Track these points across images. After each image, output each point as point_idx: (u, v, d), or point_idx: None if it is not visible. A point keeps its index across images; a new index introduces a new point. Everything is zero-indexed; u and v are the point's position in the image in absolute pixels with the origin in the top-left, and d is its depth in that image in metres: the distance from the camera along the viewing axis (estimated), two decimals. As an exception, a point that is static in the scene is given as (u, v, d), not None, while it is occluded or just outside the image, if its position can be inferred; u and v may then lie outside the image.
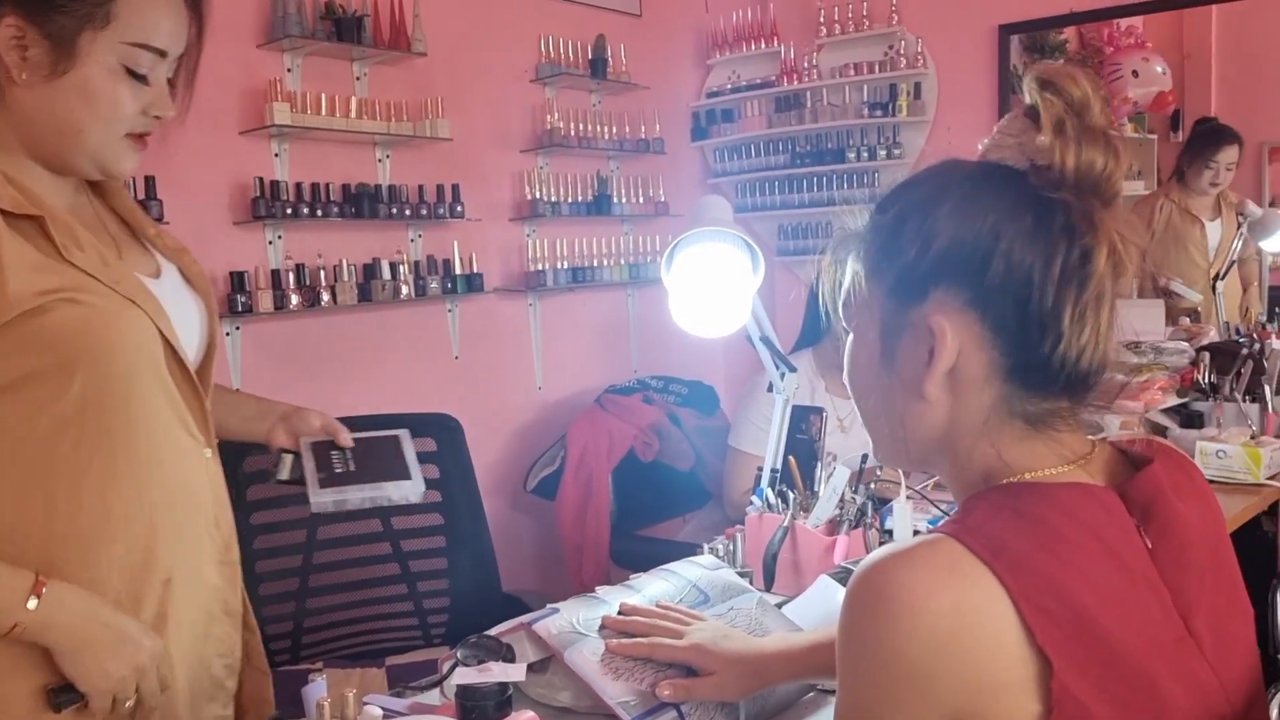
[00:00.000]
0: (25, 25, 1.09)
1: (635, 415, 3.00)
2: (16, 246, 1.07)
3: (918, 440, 0.87)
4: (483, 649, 1.20)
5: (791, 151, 3.60)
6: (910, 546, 0.76)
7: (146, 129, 1.19)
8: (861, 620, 0.75)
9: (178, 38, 1.18)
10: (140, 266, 1.23)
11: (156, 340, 1.16)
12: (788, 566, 1.68)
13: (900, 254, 0.83)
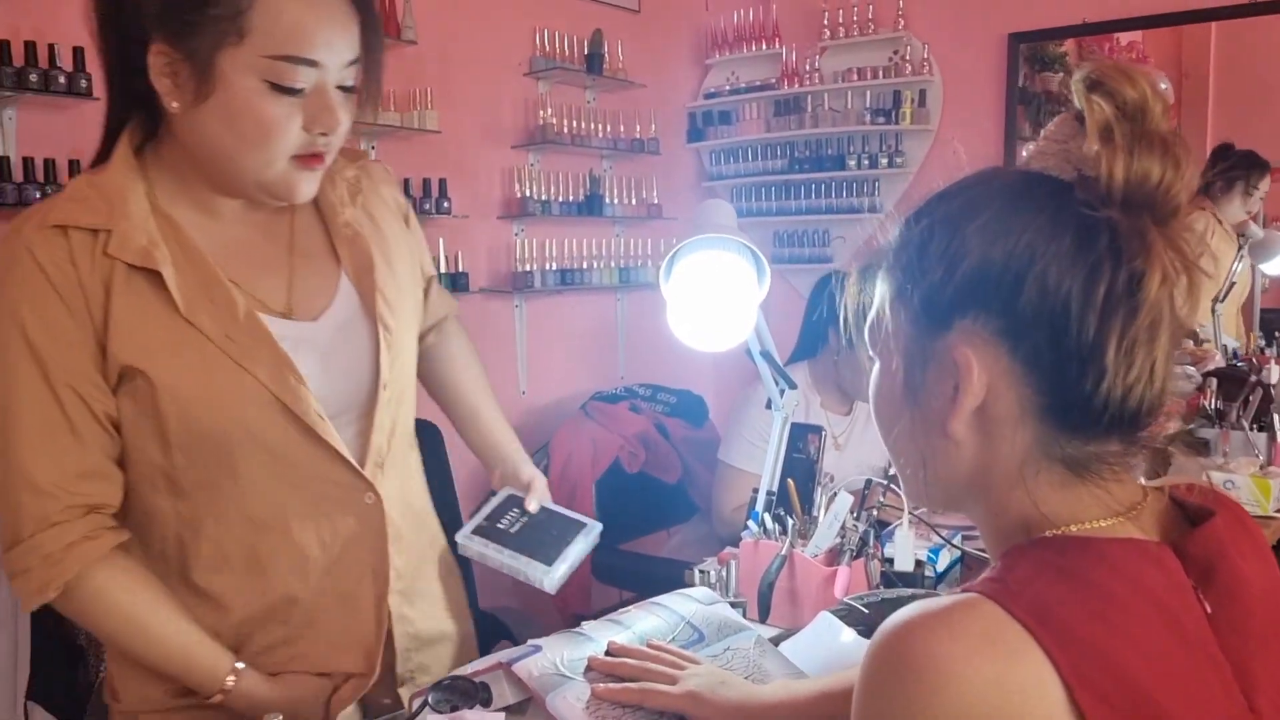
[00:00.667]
0: (171, 50, 1.03)
1: (621, 424, 2.90)
2: (131, 303, 1.04)
3: (944, 482, 0.78)
4: (456, 692, 1.09)
5: (790, 157, 3.51)
6: (945, 608, 0.66)
7: (313, 148, 1.08)
8: (888, 690, 0.66)
9: (334, 45, 1.06)
10: (306, 303, 1.16)
11: (265, 405, 1.09)
12: (784, 597, 1.58)
13: (925, 275, 0.74)
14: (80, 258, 1.03)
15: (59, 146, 2.17)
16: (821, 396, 2.45)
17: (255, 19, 1.02)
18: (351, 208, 1.22)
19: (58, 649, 2.20)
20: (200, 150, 1.08)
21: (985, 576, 0.70)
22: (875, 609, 1.39)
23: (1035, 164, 0.77)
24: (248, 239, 1.15)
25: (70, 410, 1.04)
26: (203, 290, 1.07)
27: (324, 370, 1.14)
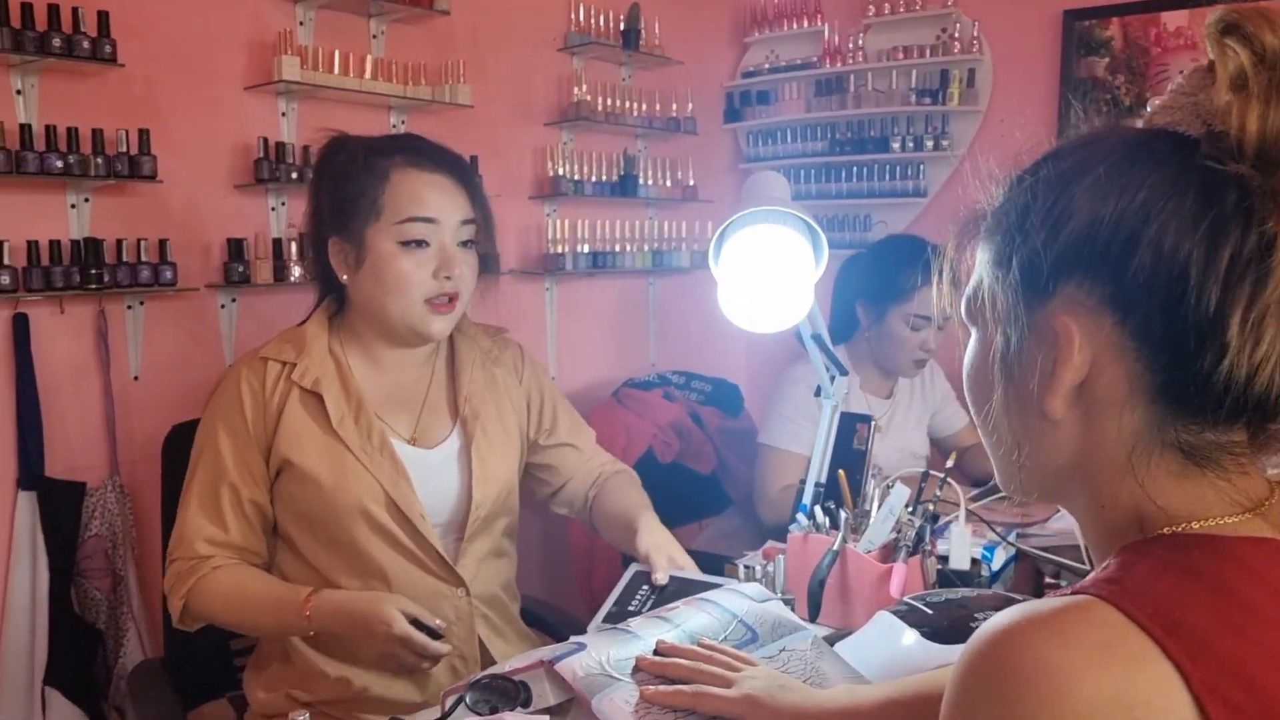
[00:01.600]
0: (340, 241, 1.48)
1: (655, 412, 2.81)
2: (298, 415, 1.47)
3: (1040, 468, 0.71)
4: (495, 692, 1.02)
5: (831, 138, 3.39)
6: (1053, 611, 0.58)
7: (440, 292, 1.47)
8: (989, 704, 0.58)
9: (444, 206, 1.47)
10: (426, 436, 1.56)
11: (379, 499, 1.47)
12: (835, 595, 1.49)
13: (1027, 238, 0.67)
14: (270, 381, 1.48)
15: (82, 114, 2.09)
16: (861, 378, 2.36)
17: (387, 199, 1.45)
18: (478, 371, 1.62)
19: (76, 635, 2.14)
20: (364, 306, 1.50)
21: (1098, 576, 0.62)
22: (940, 610, 1.30)
23: (1159, 119, 0.69)
24: (397, 385, 1.56)
25: (224, 500, 1.47)
26: (351, 414, 1.48)
27: (432, 487, 1.52)
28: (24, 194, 2.06)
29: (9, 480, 2.09)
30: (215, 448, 1.47)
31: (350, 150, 1.50)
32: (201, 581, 1.44)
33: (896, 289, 2.24)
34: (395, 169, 1.47)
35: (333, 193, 1.49)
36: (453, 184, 1.49)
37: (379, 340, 1.54)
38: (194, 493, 1.47)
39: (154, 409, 2.25)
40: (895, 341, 2.28)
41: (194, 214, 2.31)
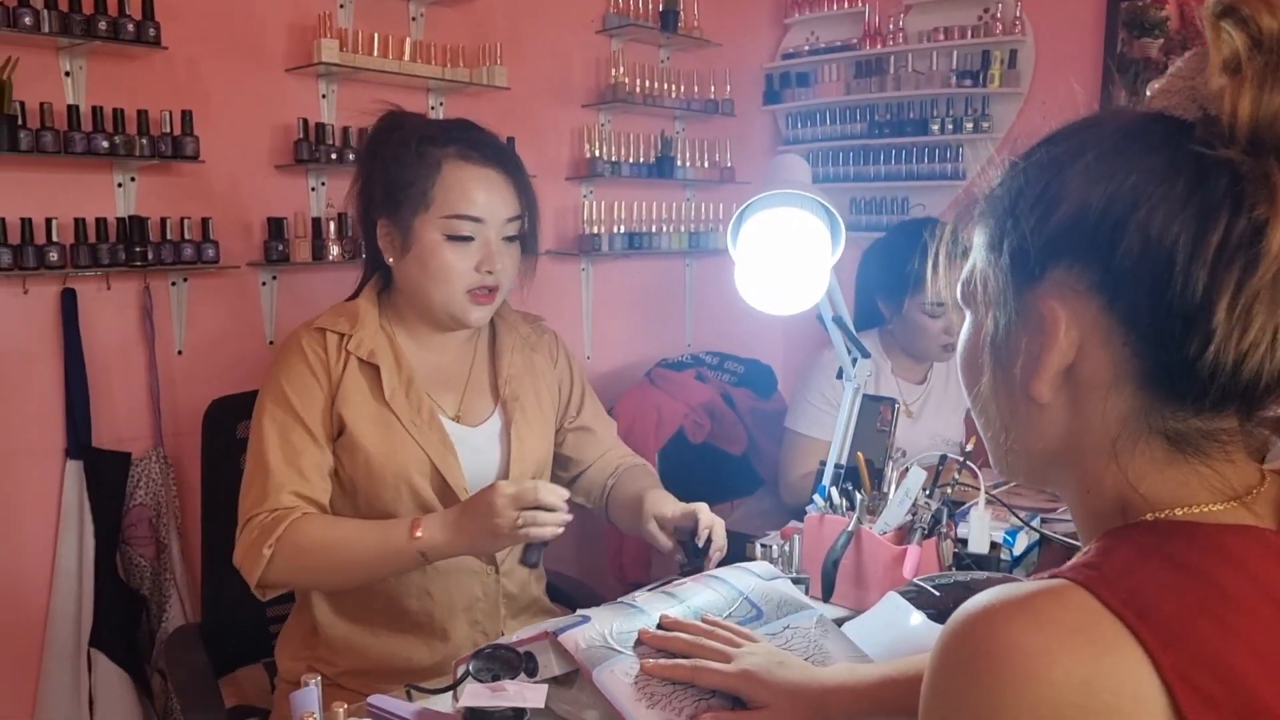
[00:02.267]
0: (388, 224, 1.51)
1: (687, 392, 2.82)
2: (355, 384, 1.50)
3: (1028, 451, 0.71)
4: (498, 661, 1.05)
5: (870, 120, 3.37)
6: (1028, 595, 0.59)
7: (481, 285, 1.50)
8: (962, 684, 0.58)
9: (494, 205, 1.49)
10: (470, 414, 1.59)
11: (425, 470, 1.50)
12: (849, 575, 1.51)
13: (1019, 221, 0.67)
14: (331, 349, 1.50)
15: (128, 96, 2.16)
16: (893, 363, 2.36)
17: (437, 191, 1.47)
18: (517, 355, 1.65)
19: (121, 600, 2.22)
20: (408, 289, 1.53)
21: (1077, 561, 0.62)
22: (947, 591, 1.31)
23: (1158, 103, 0.68)
24: (440, 364, 1.59)
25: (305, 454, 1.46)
26: (402, 387, 1.51)
27: (474, 464, 1.55)
28: (72, 173, 2.13)
29: (58, 450, 2.17)
30: (288, 405, 1.47)
31: (404, 133, 1.50)
32: (291, 527, 1.39)
33: (908, 280, 2.23)
34: (447, 160, 1.47)
35: (384, 176, 1.50)
36: (503, 179, 1.50)
37: (421, 322, 1.56)
38: (271, 449, 1.45)
39: (196, 383, 2.32)
40: (919, 330, 2.27)
41: (235, 193, 2.37)
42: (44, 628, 2.17)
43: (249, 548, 1.41)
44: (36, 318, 2.13)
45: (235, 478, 1.62)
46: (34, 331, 2.13)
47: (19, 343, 2.11)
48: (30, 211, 2.05)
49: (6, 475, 2.12)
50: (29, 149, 1.99)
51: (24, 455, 2.14)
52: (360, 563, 1.41)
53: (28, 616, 2.16)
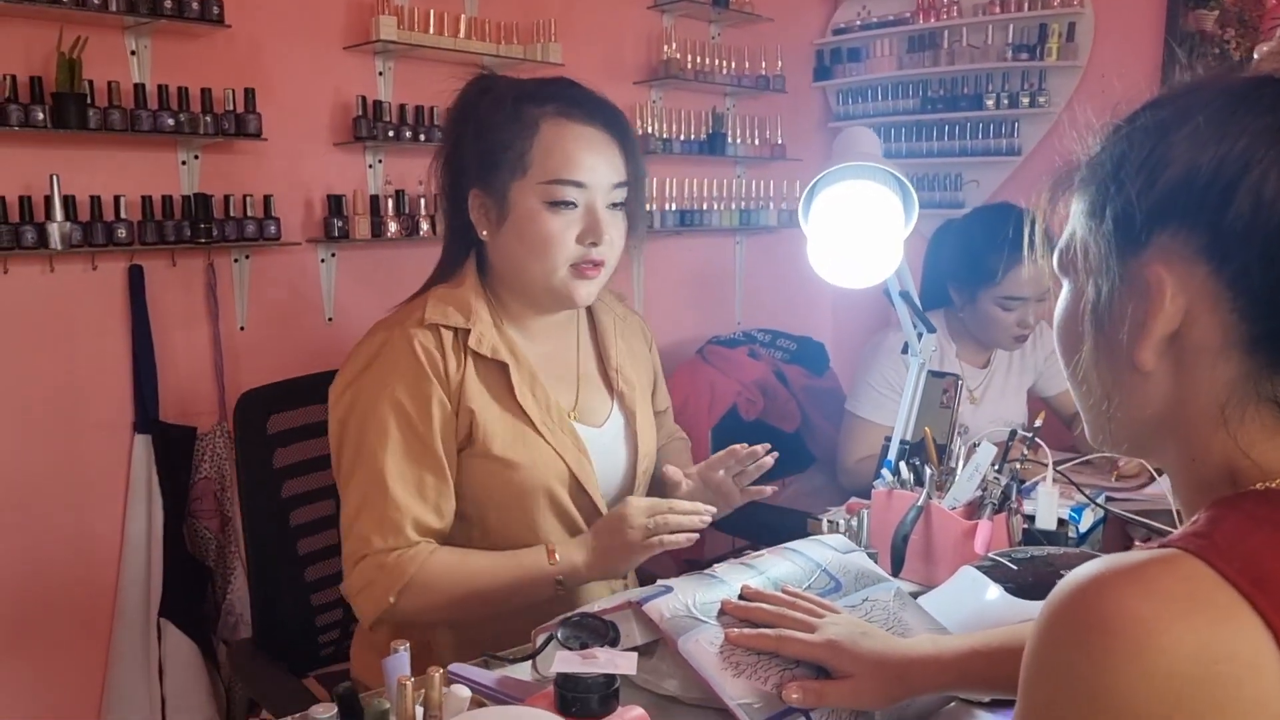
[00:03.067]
0: (482, 194, 1.35)
1: (740, 370, 2.82)
2: (480, 384, 1.35)
3: (1131, 421, 0.70)
4: (586, 630, 1.06)
5: (923, 96, 3.33)
6: (1138, 564, 0.58)
7: (586, 257, 1.34)
8: (1071, 655, 0.57)
9: (599, 168, 1.33)
10: (590, 413, 1.46)
11: (563, 479, 1.38)
12: (918, 550, 1.50)
13: (1123, 187, 0.66)
14: (446, 348, 1.33)
15: (192, 74, 2.18)
16: (958, 346, 2.33)
17: (534, 155, 1.31)
18: (620, 340, 1.54)
19: (188, 571, 2.26)
20: (504, 267, 1.38)
21: (1186, 531, 0.61)
22: (1024, 566, 1.30)
23: (1266, 65, 0.67)
24: (548, 354, 1.44)
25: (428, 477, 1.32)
26: (529, 386, 1.37)
27: (604, 465, 1.44)
28: (138, 151, 2.16)
29: (126, 424, 2.21)
30: (405, 417, 1.30)
31: (498, 93, 1.35)
32: (420, 571, 1.28)
33: (984, 272, 2.16)
34: (546, 119, 1.32)
35: (477, 141, 1.34)
36: (607, 140, 1.35)
37: (524, 306, 1.41)
38: (390, 469, 1.29)
39: (259, 358, 2.35)
40: (990, 322, 2.22)
41: (296, 171, 2.39)
42: (114, 598, 2.22)
43: (368, 587, 1.29)
44: (105, 294, 2.16)
45: (269, 480, 1.59)
46: (103, 308, 2.16)
47: (89, 319, 2.15)
48: (98, 190, 2.08)
49: (77, 449, 2.16)
50: (97, 127, 2.02)
51: (94, 429, 2.18)
52: (493, 598, 1.31)
53: (98, 587, 2.21)
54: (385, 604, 1.28)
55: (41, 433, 2.12)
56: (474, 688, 1.04)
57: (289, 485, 1.64)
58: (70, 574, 2.17)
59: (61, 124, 1.98)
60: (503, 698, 1.06)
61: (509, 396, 1.35)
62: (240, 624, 2.31)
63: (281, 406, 1.63)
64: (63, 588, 2.17)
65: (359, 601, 1.31)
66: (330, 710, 0.89)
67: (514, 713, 0.82)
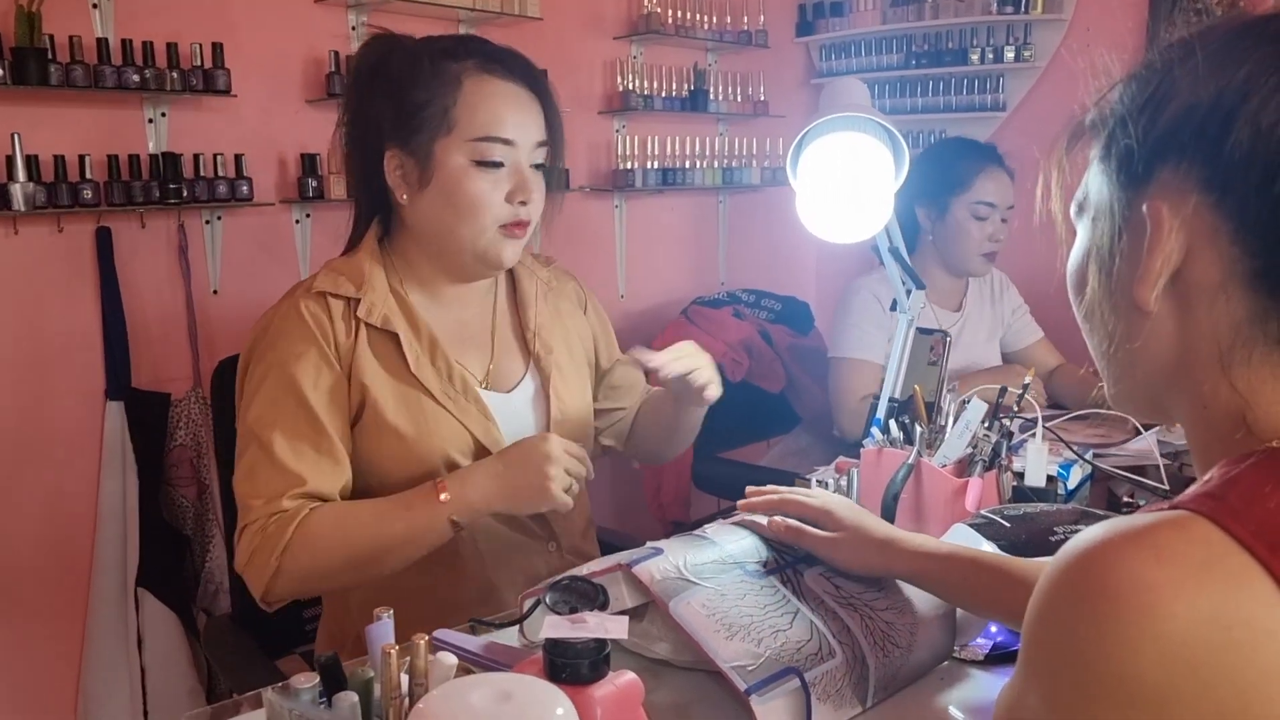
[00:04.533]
0: (400, 152, 1.29)
1: (724, 330, 2.80)
2: (371, 354, 1.30)
3: (1141, 372, 0.68)
4: (575, 594, 1.03)
5: (906, 51, 3.28)
6: (1147, 527, 0.55)
7: (515, 218, 1.31)
8: (1078, 621, 0.55)
9: (524, 127, 1.30)
10: (502, 378, 1.42)
11: (466, 448, 1.33)
12: (909, 509, 1.48)
13: (1126, 127, 0.64)
14: (335, 317, 1.29)
15: (157, 28, 2.12)
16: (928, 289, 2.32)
17: (460, 111, 1.27)
18: (542, 303, 1.48)
19: (165, 539, 2.23)
20: (426, 230, 1.32)
21: (1197, 490, 0.59)
22: (1017, 523, 1.29)
23: None
24: (460, 322, 1.40)
25: (311, 440, 1.26)
26: (427, 355, 1.33)
27: (514, 433, 1.37)
28: (103, 109, 2.09)
29: (98, 391, 2.16)
30: (291, 383, 1.26)
31: (410, 50, 1.30)
32: (299, 530, 1.22)
33: (956, 179, 2.23)
34: (468, 75, 1.28)
35: (394, 98, 1.28)
36: (529, 98, 1.32)
37: (437, 272, 1.36)
38: (276, 436, 1.25)
39: (233, 322, 2.30)
40: (961, 236, 2.25)
41: (268, 129, 2.33)
42: (90, 568, 2.18)
43: (252, 556, 1.23)
44: (72, 257, 2.10)
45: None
46: (70, 271, 2.11)
47: (56, 283, 2.09)
48: (62, 149, 2.01)
49: (48, 417, 2.11)
50: (59, 84, 1.95)
51: (65, 396, 2.13)
52: (383, 548, 1.24)
53: (74, 558, 2.17)
54: (269, 570, 1.22)
55: (9, 401, 2.07)
56: (460, 654, 1.02)
57: None
58: (44, 545, 2.13)
59: (21, 80, 1.91)
60: (490, 664, 1.04)
61: (403, 367, 1.31)
62: (220, 592, 2.27)
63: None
64: (37, 559, 2.13)
65: (248, 574, 1.25)
66: (313, 680, 0.86)
67: (502, 679, 0.79)
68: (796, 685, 0.95)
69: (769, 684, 0.94)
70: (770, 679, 0.96)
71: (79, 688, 2.20)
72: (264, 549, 1.22)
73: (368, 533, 1.24)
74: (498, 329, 1.44)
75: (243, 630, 1.55)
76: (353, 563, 1.24)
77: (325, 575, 1.26)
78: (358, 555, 1.24)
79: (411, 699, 0.87)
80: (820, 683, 0.97)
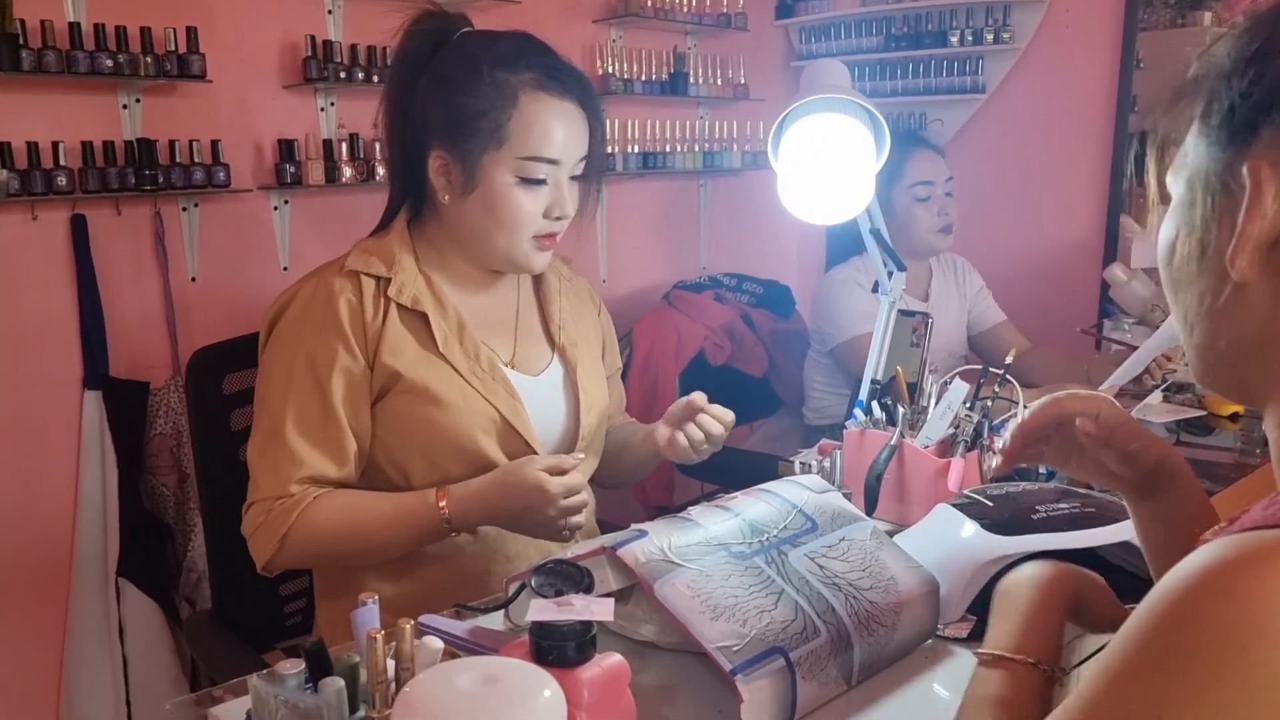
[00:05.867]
0: (447, 155, 1.31)
1: (706, 314, 2.80)
2: (401, 332, 1.32)
3: (1226, 346, 0.63)
4: (560, 577, 1.03)
5: (886, 33, 3.28)
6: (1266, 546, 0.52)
7: (550, 230, 1.35)
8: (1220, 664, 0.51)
9: (571, 145, 1.32)
10: (527, 362, 1.44)
11: (493, 424, 1.35)
12: (891, 490, 1.49)
13: (1231, 84, 0.60)
14: (366, 297, 1.31)
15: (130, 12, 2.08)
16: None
17: (512, 128, 1.28)
18: (565, 299, 1.52)
19: (146, 529, 2.21)
20: (462, 232, 1.36)
21: None
22: (999, 502, 1.29)
23: None
24: (485, 306, 1.43)
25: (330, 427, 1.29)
26: (455, 335, 1.35)
27: (541, 416, 1.41)
28: (76, 95, 2.07)
29: (75, 380, 2.14)
30: (311, 368, 1.29)
31: (470, 54, 1.29)
32: (305, 514, 1.27)
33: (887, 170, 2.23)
34: (525, 91, 1.28)
35: (446, 101, 1.29)
36: (580, 115, 1.33)
37: (468, 265, 1.40)
38: (289, 418, 1.28)
39: (212, 309, 2.28)
40: (911, 222, 2.33)
41: (244, 115, 2.30)
42: (70, 559, 2.16)
43: (256, 531, 1.30)
44: (47, 245, 2.08)
45: (226, 443, 1.52)
46: (45, 260, 2.08)
47: (31, 272, 2.07)
48: (36, 135, 1.99)
49: (25, 407, 2.09)
50: (31, 69, 1.92)
51: (41, 386, 2.11)
52: (381, 540, 1.31)
53: (53, 548, 2.15)
54: (270, 549, 1.29)
55: (-14, 391, 2.04)
56: (445, 639, 1.02)
57: (245, 449, 1.55)
58: (23, 536, 2.11)
59: (-8, 66, 1.88)
60: (475, 648, 1.04)
61: (432, 345, 1.34)
62: (203, 580, 2.26)
63: (236, 365, 1.53)
64: (16, 550, 2.11)
65: (251, 544, 1.32)
66: (298, 666, 0.85)
67: (489, 663, 0.79)
68: (782, 665, 0.96)
69: (754, 664, 0.95)
70: (755, 659, 0.96)
71: (61, 678, 2.18)
72: (267, 528, 1.29)
73: (366, 524, 1.30)
74: (521, 317, 1.47)
75: (224, 625, 1.54)
76: (350, 552, 1.32)
77: (323, 559, 1.36)
78: (355, 545, 1.31)
79: (398, 684, 0.87)
80: (805, 662, 0.97)
